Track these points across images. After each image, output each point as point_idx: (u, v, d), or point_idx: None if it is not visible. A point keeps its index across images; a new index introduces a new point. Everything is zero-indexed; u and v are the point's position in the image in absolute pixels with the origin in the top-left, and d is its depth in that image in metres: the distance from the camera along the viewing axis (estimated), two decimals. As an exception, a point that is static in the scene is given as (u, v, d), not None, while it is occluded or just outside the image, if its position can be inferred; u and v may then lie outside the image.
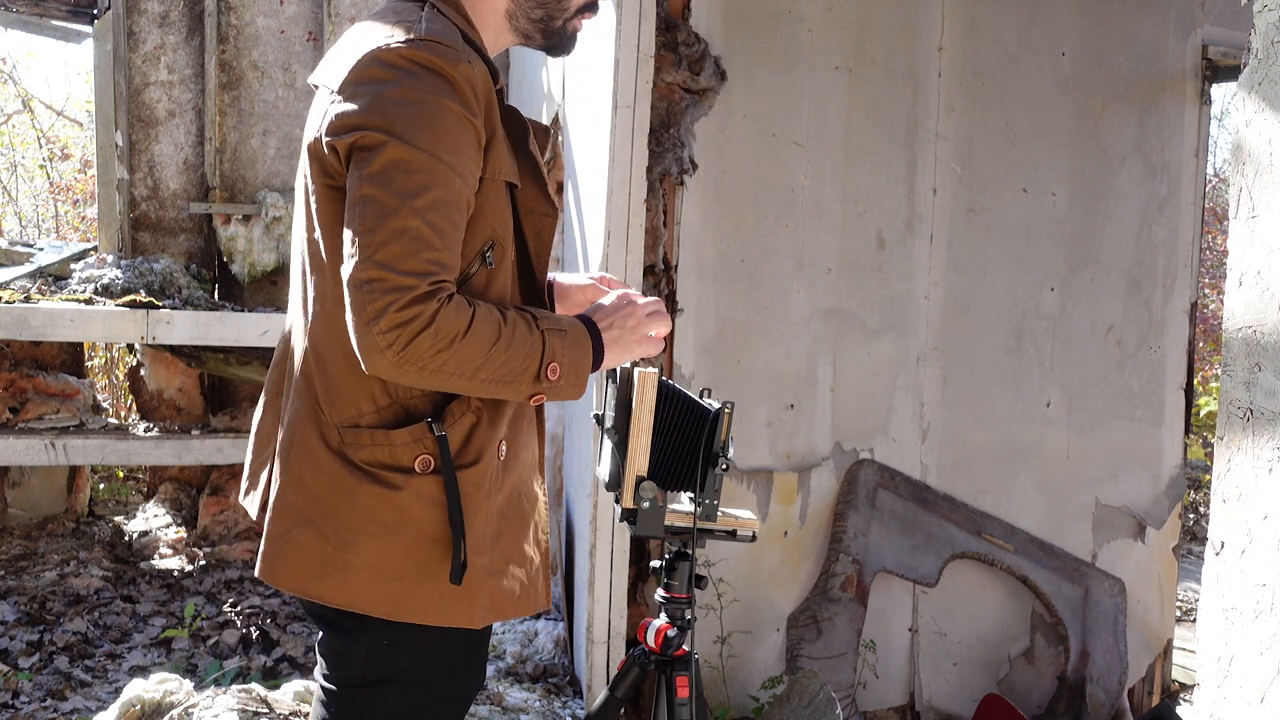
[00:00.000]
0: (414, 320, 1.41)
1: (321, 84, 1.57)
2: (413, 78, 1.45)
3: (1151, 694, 4.30)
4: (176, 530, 5.41)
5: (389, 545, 1.52)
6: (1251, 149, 1.57)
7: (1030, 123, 3.96)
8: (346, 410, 1.55)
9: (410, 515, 1.53)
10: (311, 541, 1.54)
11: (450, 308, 1.44)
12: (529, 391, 1.54)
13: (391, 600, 1.53)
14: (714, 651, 3.62)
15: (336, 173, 1.50)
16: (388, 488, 1.52)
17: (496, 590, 1.61)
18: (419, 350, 1.42)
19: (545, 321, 1.56)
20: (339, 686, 1.61)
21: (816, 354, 3.75)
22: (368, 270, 1.41)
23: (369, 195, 1.43)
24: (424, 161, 1.43)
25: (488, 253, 1.56)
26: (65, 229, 9.80)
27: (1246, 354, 1.56)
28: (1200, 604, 1.63)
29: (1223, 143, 10.63)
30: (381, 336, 1.41)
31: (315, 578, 1.54)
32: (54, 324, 4.67)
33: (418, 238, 1.42)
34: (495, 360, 1.48)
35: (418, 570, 1.53)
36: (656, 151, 3.45)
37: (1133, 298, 4.14)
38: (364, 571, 1.52)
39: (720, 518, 1.87)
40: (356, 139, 1.45)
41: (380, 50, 1.48)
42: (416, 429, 1.53)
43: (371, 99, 1.45)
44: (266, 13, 5.67)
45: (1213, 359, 8.09)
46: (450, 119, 1.46)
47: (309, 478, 1.55)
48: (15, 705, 3.63)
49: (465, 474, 1.55)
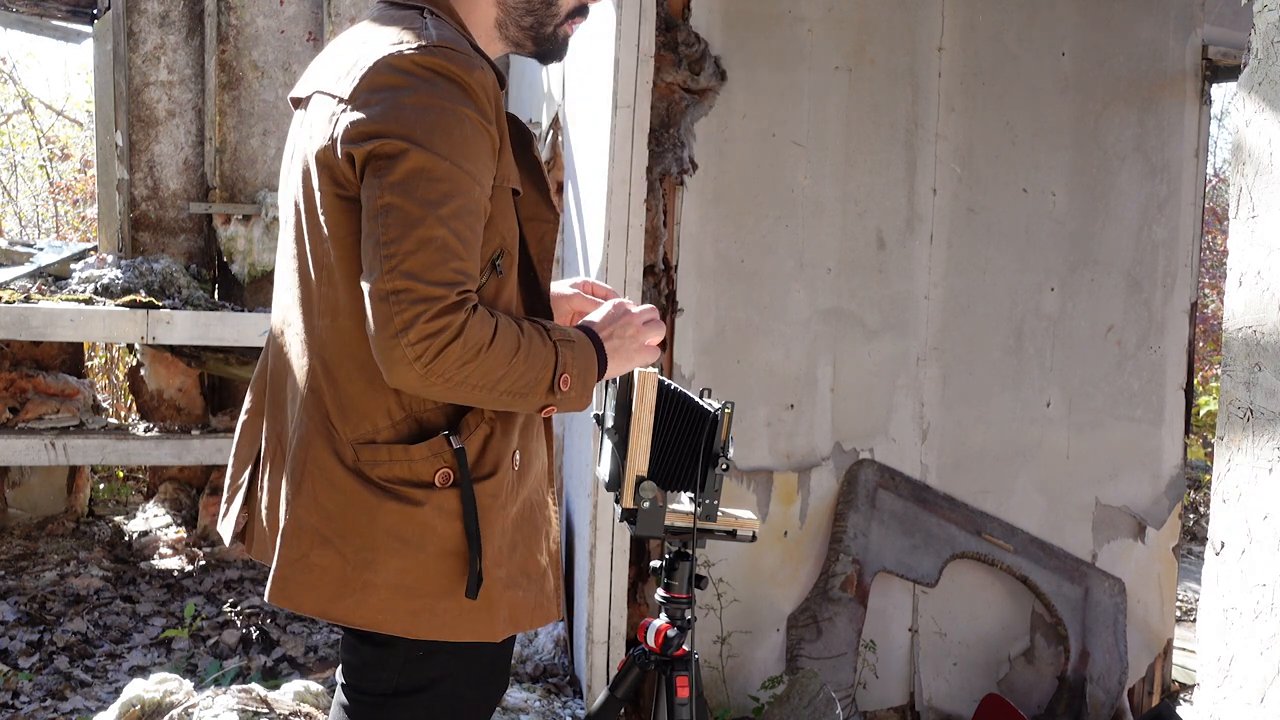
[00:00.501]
0: (444, 331, 1.39)
1: (321, 92, 1.53)
2: (429, 84, 1.43)
3: (1151, 694, 4.30)
4: (176, 530, 5.41)
5: (410, 562, 1.51)
6: (1251, 149, 1.57)
7: (1030, 123, 3.96)
8: (361, 426, 1.52)
9: (432, 530, 1.51)
10: (330, 562, 1.51)
11: (476, 319, 1.42)
12: (542, 403, 1.53)
13: (412, 618, 1.51)
14: (714, 651, 3.62)
15: (348, 182, 1.46)
16: (409, 504, 1.50)
17: (515, 602, 1.60)
18: (447, 361, 1.40)
19: (556, 333, 1.55)
20: (369, 695, 1.60)
21: (816, 354, 3.75)
22: (394, 281, 1.38)
23: (392, 204, 1.40)
24: (446, 169, 1.41)
25: (498, 261, 1.54)
26: (65, 229, 9.80)
27: (1246, 354, 1.56)
28: (1200, 604, 1.63)
29: (1223, 143, 10.63)
30: (410, 349, 1.38)
31: (334, 598, 1.51)
32: (54, 324, 4.67)
33: (444, 247, 1.40)
34: (515, 371, 1.47)
35: (439, 586, 1.52)
36: (656, 151, 3.45)
37: (1133, 298, 4.14)
38: (385, 590, 1.50)
39: (720, 518, 1.87)
40: (375, 147, 1.41)
41: (392, 57, 1.45)
42: (435, 443, 1.51)
43: (388, 106, 1.42)
44: (266, 13, 5.67)
45: (1213, 359, 8.09)
46: (468, 126, 1.44)
47: (324, 497, 1.52)
48: (15, 705, 3.63)
49: (483, 486, 1.54)
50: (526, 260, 1.65)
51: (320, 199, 1.50)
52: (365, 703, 1.60)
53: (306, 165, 1.53)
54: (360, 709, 1.60)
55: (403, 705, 1.58)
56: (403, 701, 1.58)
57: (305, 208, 1.55)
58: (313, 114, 1.54)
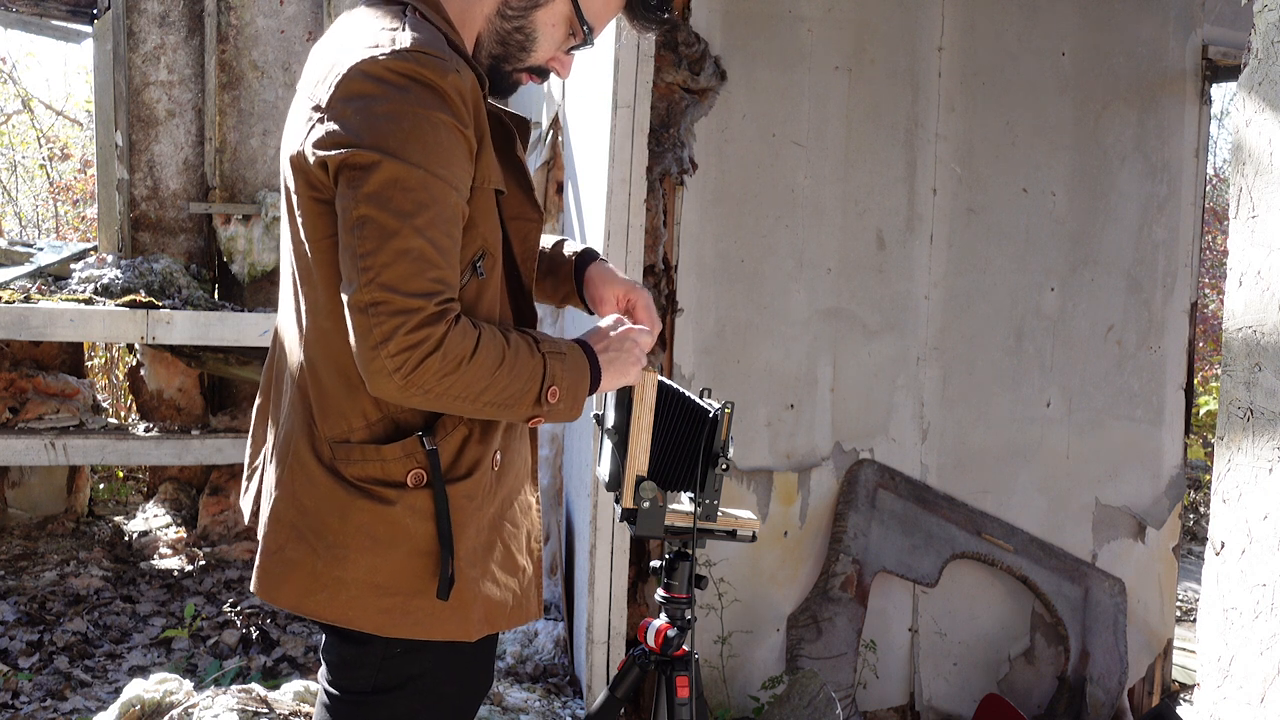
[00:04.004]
0: (423, 343, 1.39)
1: (302, 93, 1.53)
2: (401, 91, 1.42)
3: (1151, 694, 4.30)
4: (176, 530, 5.41)
5: (381, 560, 1.52)
6: (1251, 149, 1.57)
7: (1030, 123, 3.95)
8: (338, 425, 1.54)
9: (403, 530, 1.52)
10: (303, 557, 1.53)
11: (457, 330, 1.43)
12: (528, 414, 1.54)
13: (384, 616, 1.52)
14: (714, 651, 3.62)
15: (323, 185, 1.46)
16: (380, 503, 1.51)
17: (490, 602, 1.60)
18: (427, 373, 1.40)
19: (546, 345, 1.55)
20: (348, 693, 1.60)
21: (816, 354, 3.75)
22: (372, 293, 1.39)
23: (367, 216, 1.40)
24: (420, 178, 1.40)
25: (479, 263, 1.54)
26: (65, 229, 9.81)
27: (1246, 354, 1.56)
28: (1200, 604, 1.63)
29: (1223, 143, 10.63)
30: (390, 360, 1.39)
31: (307, 593, 1.53)
32: (54, 324, 4.67)
33: (420, 257, 1.40)
34: (499, 383, 1.47)
35: (411, 585, 1.53)
36: (656, 151, 3.45)
37: (1133, 298, 4.14)
38: (355, 587, 1.52)
39: (720, 518, 1.87)
40: (347, 156, 1.41)
41: (366, 63, 1.43)
42: (408, 443, 1.52)
43: (360, 115, 1.41)
44: (266, 13, 5.67)
45: (1213, 359, 8.09)
46: (442, 131, 1.43)
47: (302, 492, 1.54)
48: (15, 705, 3.63)
49: (459, 486, 1.54)
50: (510, 259, 1.64)
51: (298, 201, 1.51)
52: (346, 700, 1.60)
53: (286, 166, 1.54)
54: (341, 706, 1.61)
55: (382, 703, 1.59)
56: (382, 699, 1.58)
57: (287, 209, 1.56)
58: (294, 117, 1.54)
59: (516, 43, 1.62)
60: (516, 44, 1.62)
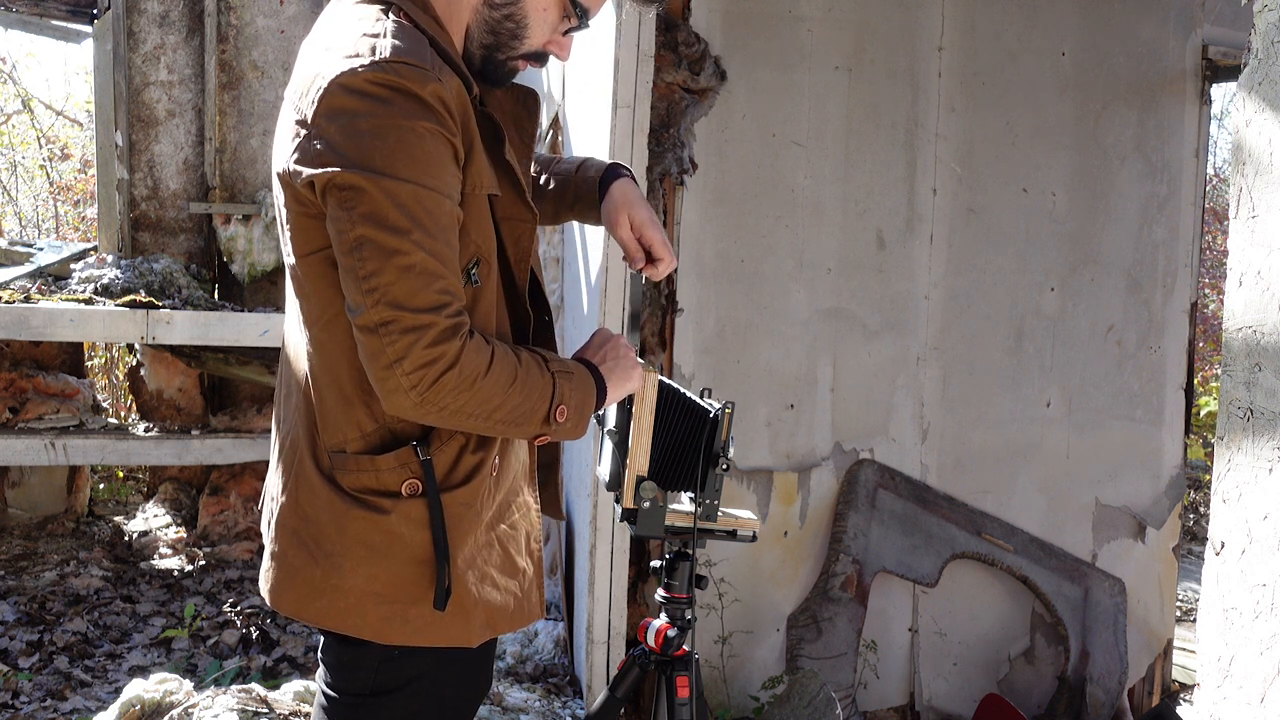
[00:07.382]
0: (439, 360, 1.39)
1: (289, 102, 1.51)
2: (384, 104, 1.39)
3: (1151, 694, 4.30)
4: (176, 530, 5.41)
5: (379, 569, 1.52)
6: (1251, 149, 1.57)
7: (1030, 123, 3.95)
8: (335, 435, 1.54)
9: (399, 539, 1.52)
10: (304, 564, 1.54)
11: (472, 346, 1.42)
12: (536, 432, 1.54)
13: (384, 623, 1.53)
14: (714, 651, 3.62)
15: (310, 202, 1.45)
16: (376, 512, 1.52)
17: (490, 606, 1.60)
18: (443, 390, 1.40)
19: (554, 364, 1.56)
20: (346, 695, 1.60)
21: (816, 354, 3.75)
22: (380, 313, 1.38)
23: (364, 237, 1.38)
24: (411, 193, 1.39)
25: (473, 270, 1.53)
26: (65, 229, 9.81)
27: (1246, 354, 1.56)
28: (1200, 604, 1.63)
29: (1223, 143, 10.63)
30: (406, 378, 1.38)
31: (308, 600, 1.54)
32: (54, 324, 4.67)
33: (424, 270, 1.39)
34: (511, 401, 1.48)
35: (408, 593, 1.53)
36: (656, 151, 3.45)
37: (1133, 298, 4.14)
38: (354, 595, 1.52)
39: (720, 518, 1.87)
40: (334, 176, 1.39)
41: (346, 76, 1.40)
42: (403, 453, 1.52)
43: (344, 133, 1.39)
44: (266, 13, 5.67)
45: (1213, 359, 8.09)
46: (428, 141, 1.41)
47: (304, 500, 1.55)
48: (15, 705, 3.63)
49: (456, 494, 1.54)
50: (504, 261, 1.63)
51: (286, 216, 1.50)
52: (344, 702, 1.60)
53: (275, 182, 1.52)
54: (339, 708, 1.61)
55: (380, 705, 1.58)
56: (381, 701, 1.58)
57: (280, 220, 1.55)
58: (282, 127, 1.52)
59: (508, 30, 1.60)
60: (508, 32, 1.60)
